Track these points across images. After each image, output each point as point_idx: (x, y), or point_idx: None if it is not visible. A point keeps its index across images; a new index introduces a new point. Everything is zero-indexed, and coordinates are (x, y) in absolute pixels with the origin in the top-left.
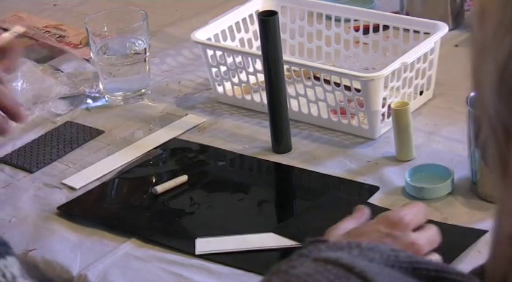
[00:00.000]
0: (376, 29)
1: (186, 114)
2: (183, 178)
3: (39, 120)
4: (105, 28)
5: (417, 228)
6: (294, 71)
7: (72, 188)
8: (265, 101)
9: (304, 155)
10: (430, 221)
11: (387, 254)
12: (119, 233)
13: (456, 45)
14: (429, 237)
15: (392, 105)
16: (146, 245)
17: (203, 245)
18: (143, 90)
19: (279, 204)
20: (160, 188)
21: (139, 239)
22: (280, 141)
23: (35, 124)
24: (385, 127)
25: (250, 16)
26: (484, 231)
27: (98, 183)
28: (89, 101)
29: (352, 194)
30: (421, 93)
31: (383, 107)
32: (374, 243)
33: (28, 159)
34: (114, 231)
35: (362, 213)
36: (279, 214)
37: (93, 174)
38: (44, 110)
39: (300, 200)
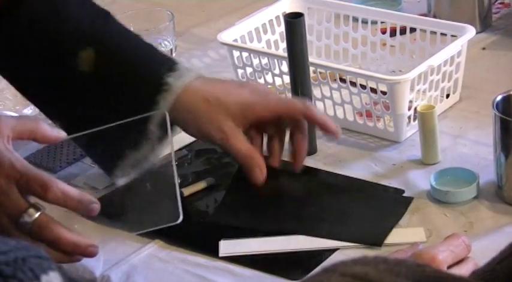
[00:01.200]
0: (403, 31)
1: None
2: (211, 180)
3: None
4: (132, 28)
5: (455, 263)
6: (320, 73)
7: (95, 188)
8: None
9: (330, 157)
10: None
11: (413, 269)
12: (142, 234)
13: (483, 48)
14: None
15: (418, 108)
16: (170, 247)
17: (227, 247)
18: None
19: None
20: (186, 191)
21: (163, 240)
22: None
23: None
24: (411, 130)
25: (277, 17)
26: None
27: (121, 183)
28: None
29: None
30: (448, 96)
31: (409, 109)
32: (400, 258)
33: (52, 159)
34: (133, 223)
35: (413, 248)
36: (304, 216)
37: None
38: None
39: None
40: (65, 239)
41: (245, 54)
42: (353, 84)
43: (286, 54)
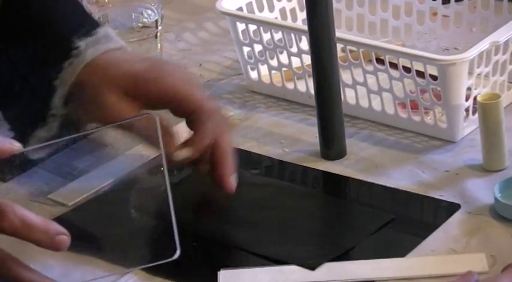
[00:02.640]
0: None
1: None
2: None
3: None
4: None
5: None
6: (351, 51)
7: (61, 204)
8: (312, 90)
9: (363, 162)
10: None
11: None
12: (118, 261)
13: None
14: None
15: (479, 98)
16: (154, 278)
17: (228, 278)
18: None
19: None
20: None
21: (145, 269)
22: (332, 143)
23: None
24: (469, 126)
25: None
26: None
27: (93, 196)
28: None
29: (425, 213)
30: None
31: (467, 100)
32: None
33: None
34: (113, 260)
35: (467, 279)
36: (329, 239)
37: (87, 185)
38: None
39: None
40: (24, 279)
41: (253, 27)
42: (394, 66)
43: (306, 28)
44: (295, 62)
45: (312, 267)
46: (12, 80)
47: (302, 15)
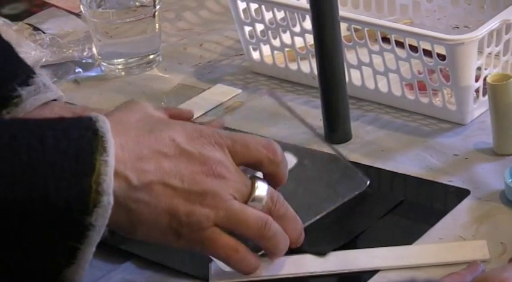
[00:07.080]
0: None
1: (209, 88)
2: None
3: None
4: None
5: None
6: (356, 30)
7: None
8: (315, 71)
9: (369, 145)
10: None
11: None
12: (111, 252)
13: None
14: None
15: (489, 79)
16: (146, 270)
17: (220, 269)
18: (152, 56)
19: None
20: None
21: (138, 261)
22: (336, 126)
23: None
24: (479, 108)
25: None
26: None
27: None
28: (79, 70)
29: (434, 199)
30: None
31: (476, 80)
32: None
33: None
34: (106, 250)
35: (473, 270)
36: (338, 224)
37: None
38: None
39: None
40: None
41: (254, 5)
42: (400, 45)
43: (309, 6)
44: (299, 41)
45: (323, 254)
46: None
47: None
